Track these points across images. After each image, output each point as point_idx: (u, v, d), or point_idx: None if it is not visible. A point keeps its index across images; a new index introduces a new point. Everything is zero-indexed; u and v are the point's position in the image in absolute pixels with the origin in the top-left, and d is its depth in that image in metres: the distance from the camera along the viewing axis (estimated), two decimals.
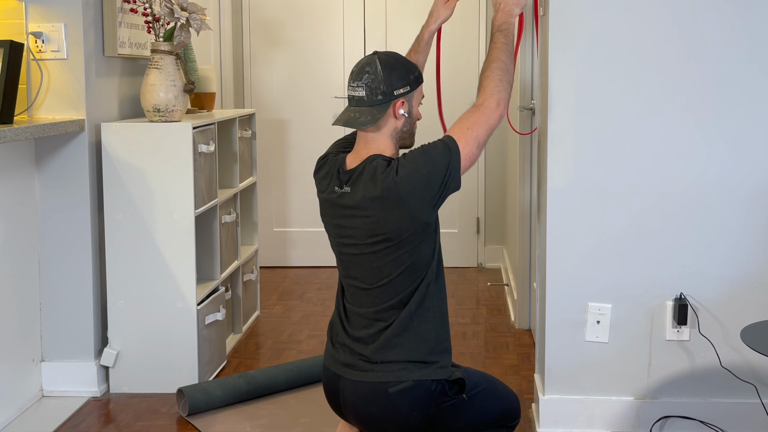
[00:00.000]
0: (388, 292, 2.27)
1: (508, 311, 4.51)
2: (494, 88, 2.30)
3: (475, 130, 2.27)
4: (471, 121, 2.28)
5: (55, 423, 3.09)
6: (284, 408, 3.22)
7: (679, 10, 2.71)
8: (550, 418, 2.88)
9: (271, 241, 5.56)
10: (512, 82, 2.35)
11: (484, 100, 2.30)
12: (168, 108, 3.35)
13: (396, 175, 2.20)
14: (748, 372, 2.82)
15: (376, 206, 2.22)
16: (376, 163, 2.25)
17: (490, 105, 2.29)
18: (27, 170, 3.23)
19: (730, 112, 2.73)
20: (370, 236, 2.26)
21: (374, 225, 2.24)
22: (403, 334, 2.27)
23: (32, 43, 3.23)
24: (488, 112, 2.28)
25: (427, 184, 2.21)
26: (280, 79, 5.50)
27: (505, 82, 2.32)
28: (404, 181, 2.19)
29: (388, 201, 2.20)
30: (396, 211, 2.21)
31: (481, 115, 2.28)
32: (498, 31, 2.37)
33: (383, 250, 2.25)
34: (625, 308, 2.83)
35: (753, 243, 2.78)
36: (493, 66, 2.33)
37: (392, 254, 2.25)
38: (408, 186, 2.19)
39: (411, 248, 2.25)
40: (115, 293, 3.34)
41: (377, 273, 2.28)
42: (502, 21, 2.37)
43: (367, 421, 2.31)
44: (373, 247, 2.26)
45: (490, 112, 2.29)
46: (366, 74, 2.29)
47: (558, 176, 2.79)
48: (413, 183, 2.20)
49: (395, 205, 2.20)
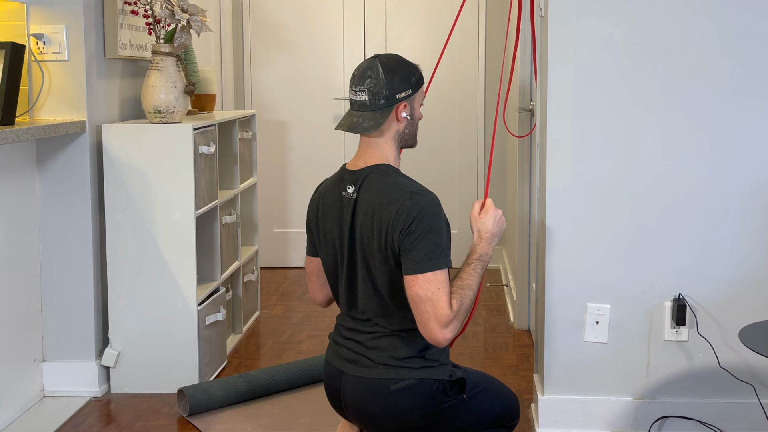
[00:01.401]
0: (390, 293, 2.28)
1: (507, 312, 4.52)
2: (459, 314, 2.20)
3: (438, 297, 2.18)
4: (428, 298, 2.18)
5: (56, 423, 3.10)
6: (284, 408, 3.23)
7: (677, 12, 2.72)
8: (549, 418, 2.89)
9: (271, 242, 5.58)
10: (469, 312, 2.28)
11: (448, 314, 2.17)
12: (169, 109, 3.36)
13: (401, 229, 2.20)
14: (747, 372, 2.83)
15: (375, 222, 2.24)
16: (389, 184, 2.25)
17: (445, 320, 2.17)
18: (28, 171, 3.24)
19: (729, 113, 2.75)
20: (373, 241, 2.26)
21: (375, 232, 2.25)
22: (405, 334, 2.28)
23: (33, 45, 3.24)
24: (442, 319, 2.16)
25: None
26: (281, 80, 5.51)
27: (466, 313, 2.24)
28: (400, 234, 2.19)
29: (385, 227, 2.22)
30: (385, 236, 2.23)
31: (434, 313, 2.17)
32: (478, 260, 2.34)
33: (384, 253, 2.26)
34: (623, 309, 2.84)
35: (751, 244, 2.79)
36: (466, 292, 2.25)
37: (391, 260, 2.26)
38: (402, 238, 2.20)
39: None
40: (116, 294, 3.35)
41: (377, 276, 2.29)
42: (485, 252, 2.35)
43: (367, 418, 2.32)
44: (376, 251, 2.27)
45: (441, 326, 2.16)
46: (368, 79, 2.30)
47: (557, 177, 2.80)
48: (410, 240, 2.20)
49: (388, 234, 2.23)
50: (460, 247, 5.57)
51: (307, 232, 2.50)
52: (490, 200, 2.45)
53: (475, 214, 2.42)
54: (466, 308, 2.23)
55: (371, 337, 2.32)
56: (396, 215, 2.21)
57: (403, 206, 2.21)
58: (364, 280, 2.31)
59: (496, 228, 2.40)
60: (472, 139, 5.44)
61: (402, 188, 2.25)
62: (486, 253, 2.36)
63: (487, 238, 2.38)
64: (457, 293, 2.22)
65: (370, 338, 2.32)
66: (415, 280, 2.18)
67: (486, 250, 2.37)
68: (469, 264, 2.32)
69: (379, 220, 2.24)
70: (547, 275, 2.85)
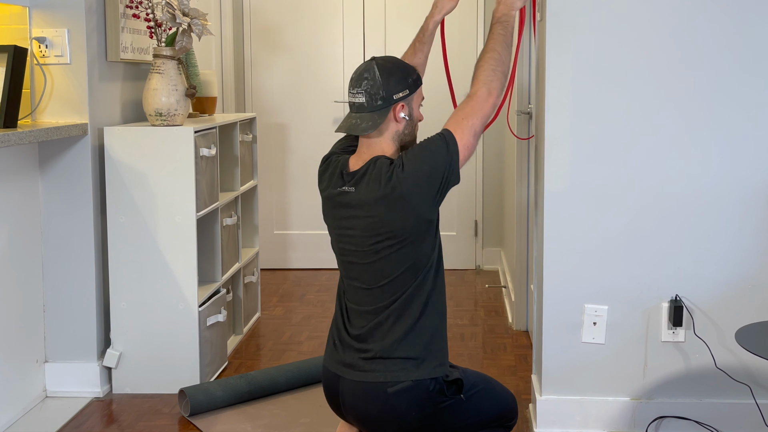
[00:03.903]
0: (389, 291, 2.30)
1: (505, 313, 4.54)
2: (486, 78, 2.34)
3: (469, 119, 2.31)
4: (465, 111, 2.33)
5: (58, 423, 3.12)
6: (285, 408, 3.25)
7: (674, 16, 2.73)
8: (547, 418, 2.91)
9: (271, 244, 5.59)
10: (507, 72, 2.38)
11: (476, 90, 2.35)
12: (170, 112, 3.38)
13: (399, 173, 2.23)
14: (743, 373, 2.85)
15: (380, 206, 2.26)
16: (379, 164, 2.28)
17: (482, 94, 2.34)
18: (31, 174, 3.26)
19: (724, 115, 2.76)
20: (373, 236, 2.28)
21: (377, 225, 2.27)
22: (403, 333, 2.29)
23: (36, 48, 3.26)
24: (480, 101, 2.33)
25: (429, 181, 2.24)
26: (281, 83, 5.53)
27: (499, 72, 2.35)
28: (407, 178, 2.23)
29: (392, 199, 2.24)
30: (400, 209, 2.24)
31: (474, 105, 2.33)
32: (497, 22, 2.39)
33: (385, 250, 2.28)
34: (621, 310, 2.85)
35: (747, 245, 2.80)
36: (487, 56, 2.37)
37: (394, 254, 2.28)
38: (411, 183, 2.23)
39: (413, 248, 2.28)
40: (117, 295, 3.37)
41: (378, 273, 2.31)
42: (503, 13, 2.39)
43: (366, 420, 2.34)
44: (375, 246, 2.29)
45: (483, 102, 2.33)
46: (365, 81, 2.32)
47: (555, 179, 2.82)
48: (416, 180, 2.23)
49: (399, 203, 2.24)
50: (459, 249, 5.61)
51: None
52: None
53: None
54: (491, 69, 2.35)
55: (370, 338, 2.34)
56: (391, 181, 2.24)
57: (389, 171, 2.25)
58: (365, 273, 2.33)
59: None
60: None
61: (387, 166, 2.29)
62: (506, 14, 2.39)
63: (506, 1, 2.43)
64: (479, 67, 2.35)
65: (369, 340, 2.34)
66: (447, 123, 2.33)
67: (506, 11, 2.40)
68: (490, 32, 2.38)
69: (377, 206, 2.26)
70: (545, 277, 2.86)
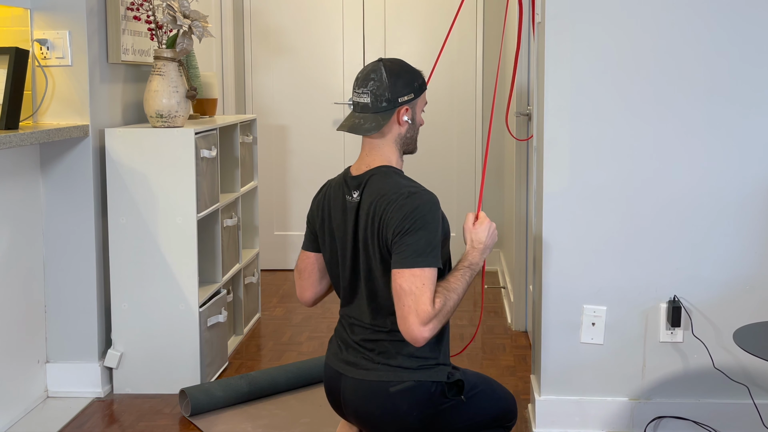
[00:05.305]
0: (388, 300, 2.31)
1: (504, 313, 4.55)
2: (440, 315, 2.20)
3: (422, 292, 2.18)
4: (410, 298, 2.18)
5: (59, 423, 3.13)
6: (285, 408, 3.26)
7: (671, 18, 2.74)
8: (546, 418, 2.92)
9: (271, 245, 5.60)
10: (450, 315, 2.26)
11: (429, 311, 2.17)
12: (171, 114, 3.39)
13: (397, 224, 2.22)
14: (741, 373, 2.86)
15: (374, 222, 2.27)
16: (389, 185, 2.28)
17: (425, 316, 2.16)
18: (32, 175, 3.28)
19: (722, 117, 2.77)
20: (374, 242, 2.29)
21: (377, 234, 2.28)
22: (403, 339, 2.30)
23: (37, 50, 3.27)
24: (423, 315, 2.16)
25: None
26: (281, 85, 5.54)
27: (447, 316, 2.24)
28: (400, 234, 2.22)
29: (384, 225, 2.25)
30: (382, 234, 2.27)
31: (417, 305, 2.17)
32: (468, 267, 2.35)
33: (381, 252, 2.29)
34: (619, 310, 2.86)
35: (745, 246, 2.81)
36: (453, 296, 2.25)
37: (387, 258, 2.28)
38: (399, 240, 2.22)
39: None
40: (118, 296, 3.38)
41: (377, 278, 2.32)
42: (475, 261, 2.37)
43: (367, 419, 2.35)
44: (377, 251, 2.30)
45: (422, 319, 2.16)
46: (371, 81, 2.33)
47: (554, 180, 2.83)
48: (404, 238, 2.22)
49: (384, 232, 2.26)
50: (458, 251, 5.60)
51: (307, 225, 2.51)
52: (483, 213, 2.48)
53: (469, 225, 2.43)
54: (448, 310, 2.23)
55: (371, 339, 2.35)
56: (392, 214, 2.23)
57: (399, 205, 2.23)
58: (366, 282, 2.33)
59: (489, 240, 2.42)
60: (470, 142, 5.47)
61: (400, 188, 2.27)
62: (477, 263, 2.38)
63: (480, 249, 2.40)
64: (442, 294, 2.22)
65: (370, 341, 2.35)
66: (401, 274, 2.18)
67: (477, 259, 2.38)
68: (458, 270, 2.33)
69: (378, 220, 2.26)
70: (544, 277, 2.87)
